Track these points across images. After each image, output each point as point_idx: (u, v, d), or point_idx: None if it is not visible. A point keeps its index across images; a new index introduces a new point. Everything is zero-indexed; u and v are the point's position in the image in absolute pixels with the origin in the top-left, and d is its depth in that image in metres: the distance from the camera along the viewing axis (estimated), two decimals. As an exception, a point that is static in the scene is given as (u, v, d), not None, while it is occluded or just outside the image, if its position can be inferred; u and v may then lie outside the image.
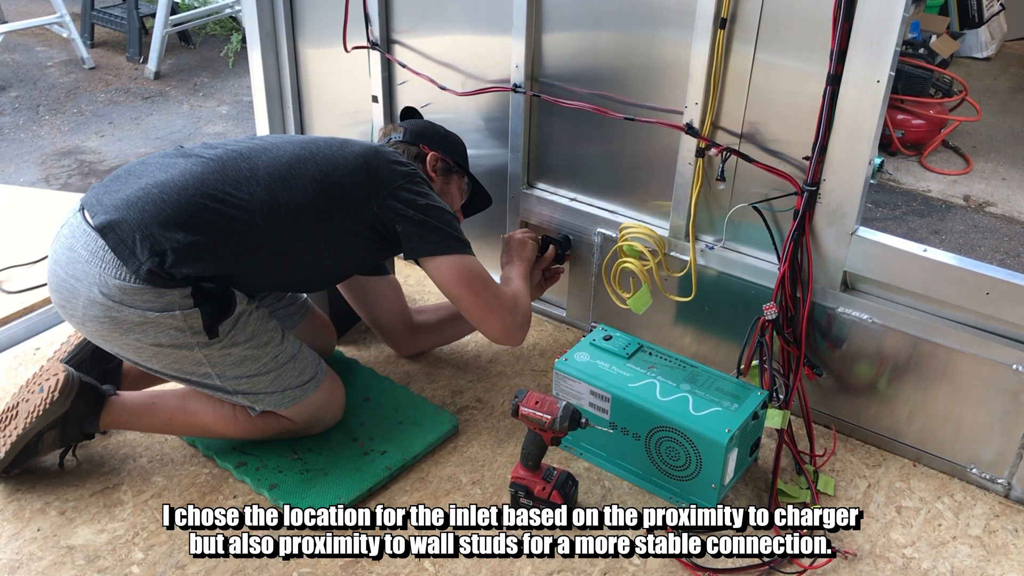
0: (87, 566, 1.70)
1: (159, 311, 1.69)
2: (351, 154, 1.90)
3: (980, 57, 4.96)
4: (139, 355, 1.77)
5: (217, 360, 1.79)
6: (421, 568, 1.72)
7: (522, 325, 2.02)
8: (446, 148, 2.16)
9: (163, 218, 1.69)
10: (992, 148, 3.96)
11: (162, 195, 1.72)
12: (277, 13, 2.67)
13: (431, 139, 2.15)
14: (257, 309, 1.85)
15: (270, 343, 1.84)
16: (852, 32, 1.70)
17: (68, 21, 5.10)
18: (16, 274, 2.62)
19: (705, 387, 1.89)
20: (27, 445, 1.82)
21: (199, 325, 1.73)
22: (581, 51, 2.15)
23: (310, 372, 1.92)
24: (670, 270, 2.19)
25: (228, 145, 1.89)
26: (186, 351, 1.75)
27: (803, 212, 1.89)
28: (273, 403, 1.88)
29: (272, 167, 1.83)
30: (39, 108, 4.62)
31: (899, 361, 1.95)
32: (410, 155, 2.08)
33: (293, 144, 1.91)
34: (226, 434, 1.94)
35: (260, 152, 1.86)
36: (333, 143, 1.93)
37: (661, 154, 2.11)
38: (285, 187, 1.81)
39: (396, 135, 2.14)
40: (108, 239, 1.68)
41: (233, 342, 1.78)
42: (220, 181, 1.77)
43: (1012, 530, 1.85)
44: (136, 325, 1.70)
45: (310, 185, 1.82)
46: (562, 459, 2.00)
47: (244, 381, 1.83)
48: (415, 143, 2.12)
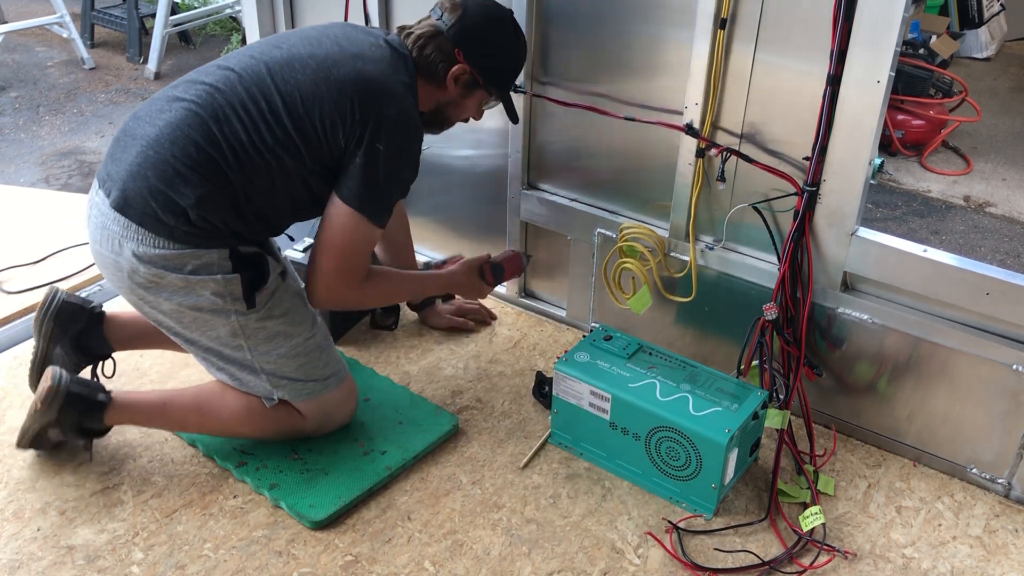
0: (87, 566, 1.70)
1: (200, 274, 1.74)
2: (338, 84, 1.75)
3: (980, 57, 4.96)
4: (180, 322, 1.81)
5: (252, 332, 1.82)
6: (421, 568, 1.72)
7: (339, 304, 2.06)
8: (489, 59, 1.91)
9: (167, 179, 1.70)
10: (992, 148, 3.95)
11: (158, 155, 1.71)
12: (277, 13, 2.67)
13: (479, 44, 1.88)
14: (292, 288, 1.89)
15: (303, 323, 1.88)
16: (852, 32, 1.70)
17: (68, 21, 5.10)
18: (16, 274, 2.62)
19: (705, 387, 1.89)
20: (35, 437, 1.88)
21: (238, 292, 1.77)
22: (581, 51, 2.15)
23: (333, 368, 1.94)
24: (670, 270, 2.19)
25: (212, 80, 1.79)
26: (223, 318, 1.79)
27: (803, 212, 1.89)
28: (294, 392, 1.89)
29: (255, 101, 1.75)
30: (39, 108, 4.62)
31: (899, 361, 1.95)
32: (438, 53, 1.86)
33: (279, 70, 1.77)
34: (240, 432, 1.95)
35: (246, 85, 1.77)
36: (322, 66, 1.77)
37: (661, 154, 2.11)
38: (268, 126, 1.75)
39: (443, 21, 1.86)
40: (130, 215, 1.72)
41: (269, 314, 1.83)
42: (204, 123, 1.72)
43: (1012, 530, 1.85)
44: (179, 289, 1.75)
45: (288, 124, 1.75)
46: (562, 459, 2.00)
47: (273, 360, 1.85)
48: (455, 44, 1.85)
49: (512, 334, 2.44)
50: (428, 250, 2.65)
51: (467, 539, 1.79)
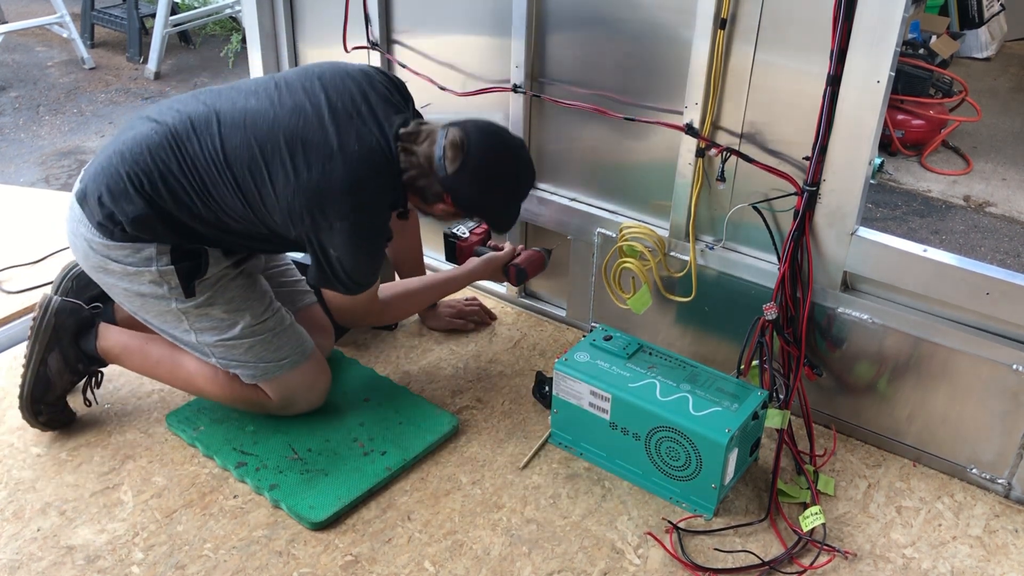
0: (87, 566, 1.70)
1: (138, 266, 1.83)
2: (304, 191, 1.75)
3: (980, 57, 4.96)
4: (131, 304, 1.92)
5: (194, 318, 1.89)
6: (421, 568, 1.72)
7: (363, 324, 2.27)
8: (478, 209, 1.91)
9: (117, 190, 1.79)
10: (992, 148, 3.95)
11: (118, 167, 1.80)
12: (277, 13, 2.67)
13: (470, 197, 1.84)
14: (244, 276, 1.93)
15: (247, 311, 1.91)
16: (852, 32, 1.70)
17: (68, 21, 5.10)
18: (16, 274, 2.62)
19: (705, 387, 1.88)
20: (37, 375, 1.95)
21: (175, 282, 1.85)
22: (581, 51, 2.15)
23: (287, 351, 1.96)
24: (670, 270, 2.18)
25: (188, 111, 1.83)
26: (165, 304, 1.87)
27: (803, 212, 1.88)
28: (245, 373, 1.95)
29: (226, 148, 1.78)
30: (39, 108, 4.62)
31: (899, 361, 1.95)
32: (429, 188, 1.83)
33: (256, 126, 1.78)
34: (205, 390, 2.00)
35: (220, 125, 1.80)
36: (294, 158, 1.76)
37: (661, 154, 2.11)
38: (223, 181, 1.79)
39: (441, 164, 1.78)
40: (83, 208, 1.84)
41: (210, 303, 1.88)
42: (169, 151, 1.79)
43: (1012, 530, 1.85)
44: (122, 276, 1.86)
45: (244, 185, 1.79)
46: (562, 459, 2.00)
47: (218, 345, 1.91)
48: (446, 190, 1.81)
49: (512, 334, 2.44)
50: (428, 250, 2.65)
51: (467, 539, 1.79)
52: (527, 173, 1.95)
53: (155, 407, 2.12)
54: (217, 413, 2.06)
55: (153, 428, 2.05)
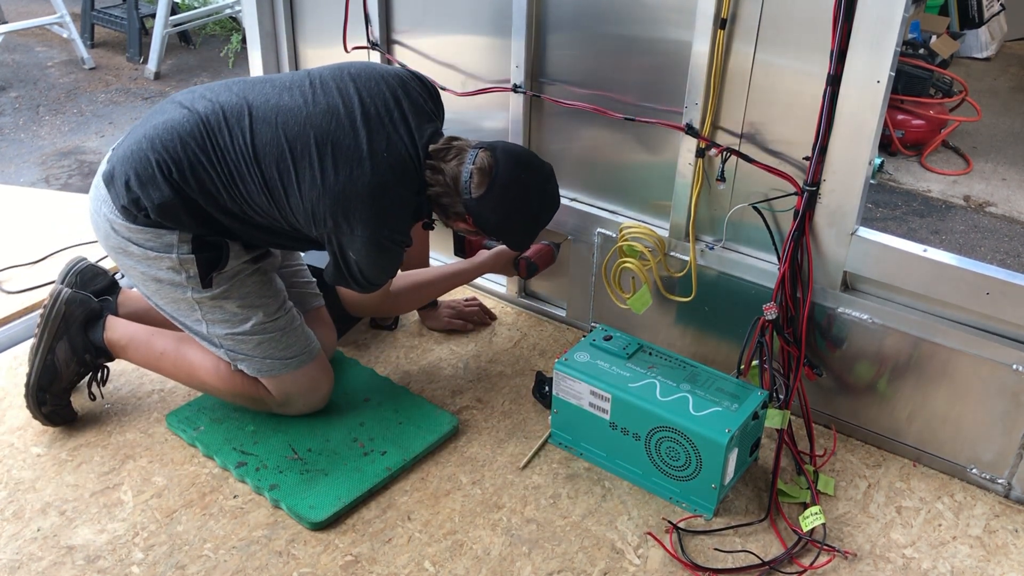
0: (87, 566, 1.70)
1: (158, 251, 1.85)
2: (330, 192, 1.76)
3: (980, 57, 4.96)
4: (146, 288, 1.93)
5: (208, 309, 1.91)
6: (421, 568, 1.72)
7: (374, 314, 2.33)
8: (498, 232, 1.91)
9: (145, 176, 1.79)
10: (992, 148, 3.95)
11: (147, 152, 1.80)
12: (277, 13, 2.67)
13: (492, 221, 1.86)
14: (260, 273, 1.95)
15: (261, 308, 1.93)
16: (852, 32, 1.70)
17: (68, 21, 5.10)
18: (16, 274, 2.62)
19: (705, 387, 1.88)
20: (45, 363, 1.97)
21: (194, 271, 1.85)
22: (581, 51, 2.15)
23: (295, 350, 1.97)
24: (670, 270, 2.18)
25: (221, 101, 1.83)
26: (181, 292, 1.88)
27: (803, 212, 1.88)
28: (252, 367, 1.96)
29: (256, 143, 1.79)
30: (39, 108, 4.62)
31: (899, 361, 1.95)
32: (452, 207, 1.86)
33: (287, 124, 1.79)
34: (206, 383, 2.01)
35: (252, 119, 1.80)
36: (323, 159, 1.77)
37: (661, 154, 2.11)
38: (250, 175, 1.80)
39: (466, 187, 1.81)
40: (109, 190, 1.84)
41: (225, 296, 1.89)
42: (200, 141, 1.80)
43: (1012, 530, 1.85)
44: (141, 259, 1.87)
45: (270, 182, 1.81)
46: (562, 459, 2.00)
47: (230, 336, 1.93)
48: (469, 212, 1.84)
49: (512, 334, 2.44)
50: (432, 251, 2.65)
51: (467, 539, 1.79)
52: (551, 205, 1.97)
53: (155, 407, 2.12)
54: (217, 413, 2.07)
55: (153, 428, 2.05)
